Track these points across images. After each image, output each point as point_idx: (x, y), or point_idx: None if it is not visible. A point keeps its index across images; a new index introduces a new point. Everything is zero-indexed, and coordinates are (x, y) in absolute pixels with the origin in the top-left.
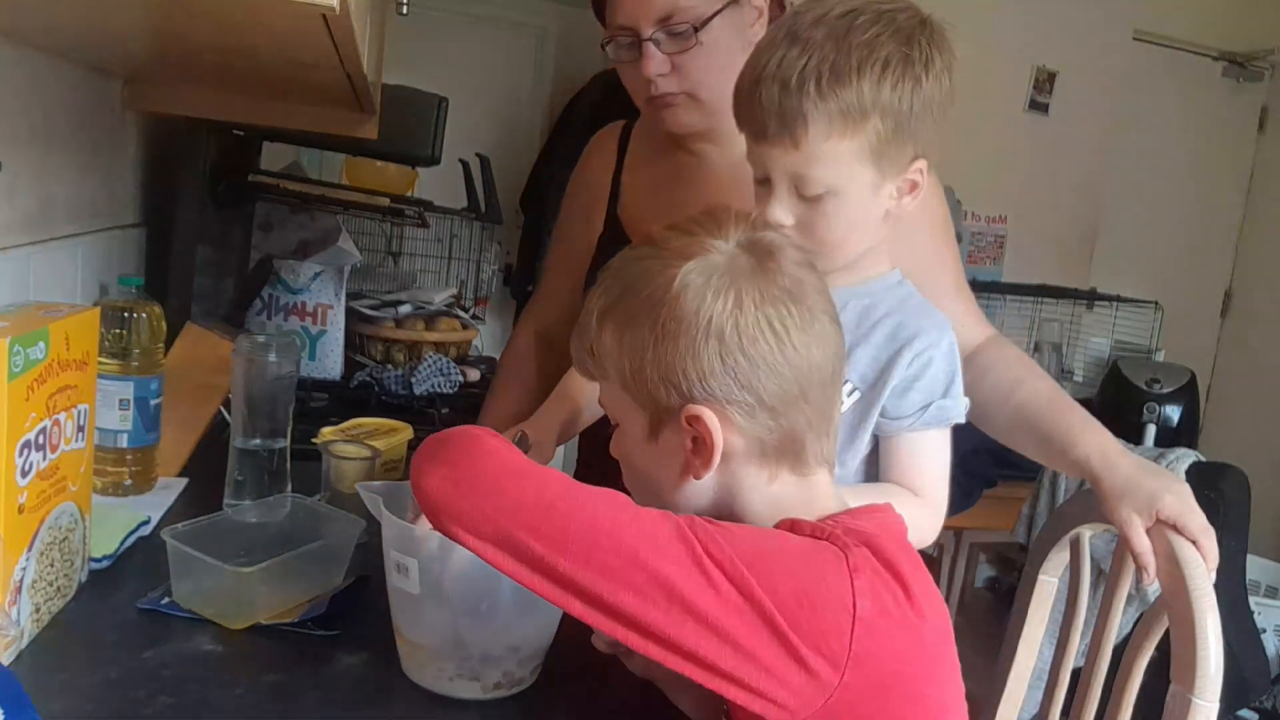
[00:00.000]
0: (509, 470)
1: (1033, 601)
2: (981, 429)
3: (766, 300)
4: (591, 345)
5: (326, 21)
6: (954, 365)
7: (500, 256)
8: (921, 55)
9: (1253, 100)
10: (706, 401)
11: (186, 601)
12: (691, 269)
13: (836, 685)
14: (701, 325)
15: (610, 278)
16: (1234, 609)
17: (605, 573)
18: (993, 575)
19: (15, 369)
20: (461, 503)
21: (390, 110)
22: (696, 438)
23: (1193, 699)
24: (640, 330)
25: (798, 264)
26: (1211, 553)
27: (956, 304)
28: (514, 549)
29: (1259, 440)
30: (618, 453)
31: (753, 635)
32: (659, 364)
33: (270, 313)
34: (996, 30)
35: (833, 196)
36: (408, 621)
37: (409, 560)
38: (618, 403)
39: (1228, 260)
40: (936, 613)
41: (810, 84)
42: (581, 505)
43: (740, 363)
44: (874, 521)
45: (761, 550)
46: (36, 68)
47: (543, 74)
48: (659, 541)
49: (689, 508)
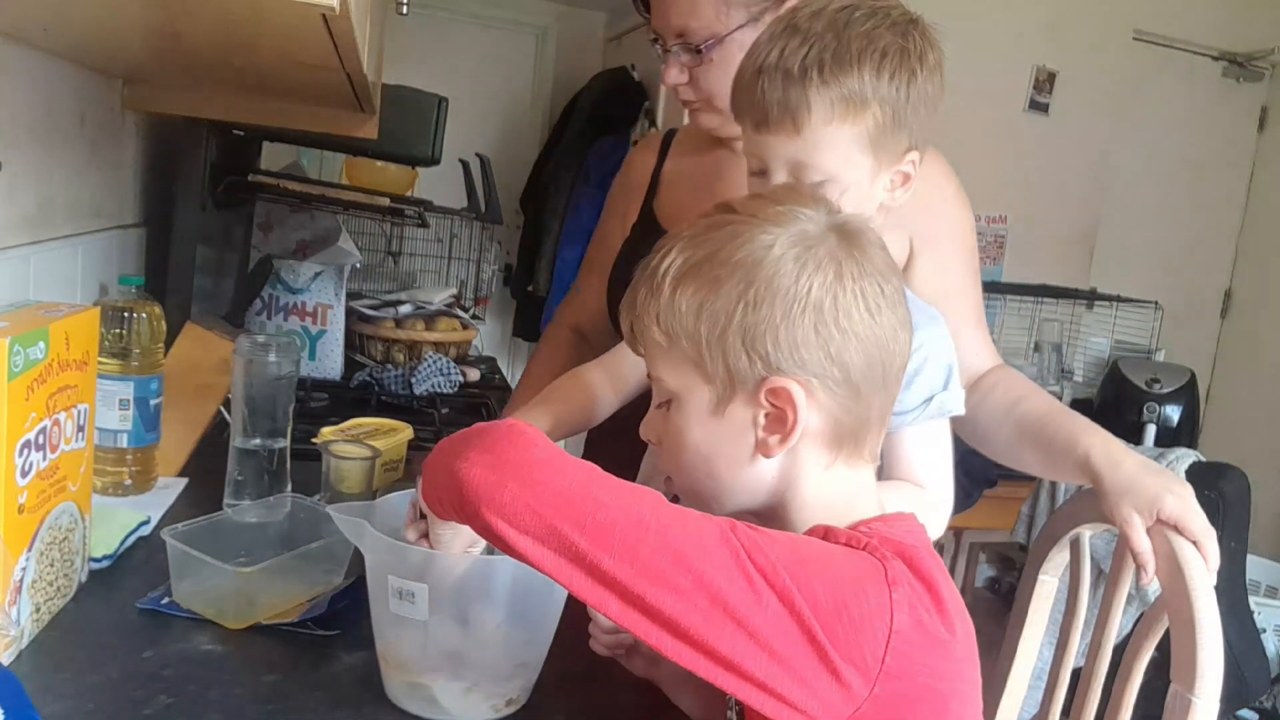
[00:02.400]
0: (554, 463)
1: (1033, 601)
2: (985, 451)
3: (863, 276)
4: (660, 311)
5: (326, 21)
6: (951, 358)
7: (500, 256)
8: (916, 48)
9: (1253, 100)
10: (792, 373)
11: (187, 601)
12: (788, 237)
13: (866, 698)
14: (800, 295)
15: (685, 241)
16: (1234, 609)
17: (649, 572)
18: (993, 575)
19: (15, 369)
20: (503, 494)
21: (390, 110)
22: (772, 413)
23: (1193, 699)
24: (727, 295)
25: (880, 247)
26: (1213, 554)
27: (976, 334)
28: (558, 544)
29: (1259, 440)
30: (656, 435)
31: (790, 643)
32: (746, 330)
33: (270, 313)
34: (996, 30)
35: (831, 184)
36: (405, 647)
37: (416, 586)
38: (679, 375)
39: (1228, 260)
40: (965, 628)
41: (813, 71)
42: (628, 502)
43: (834, 335)
44: (906, 531)
45: (803, 557)
46: (36, 68)
47: (543, 74)
48: (704, 544)
49: (747, 491)
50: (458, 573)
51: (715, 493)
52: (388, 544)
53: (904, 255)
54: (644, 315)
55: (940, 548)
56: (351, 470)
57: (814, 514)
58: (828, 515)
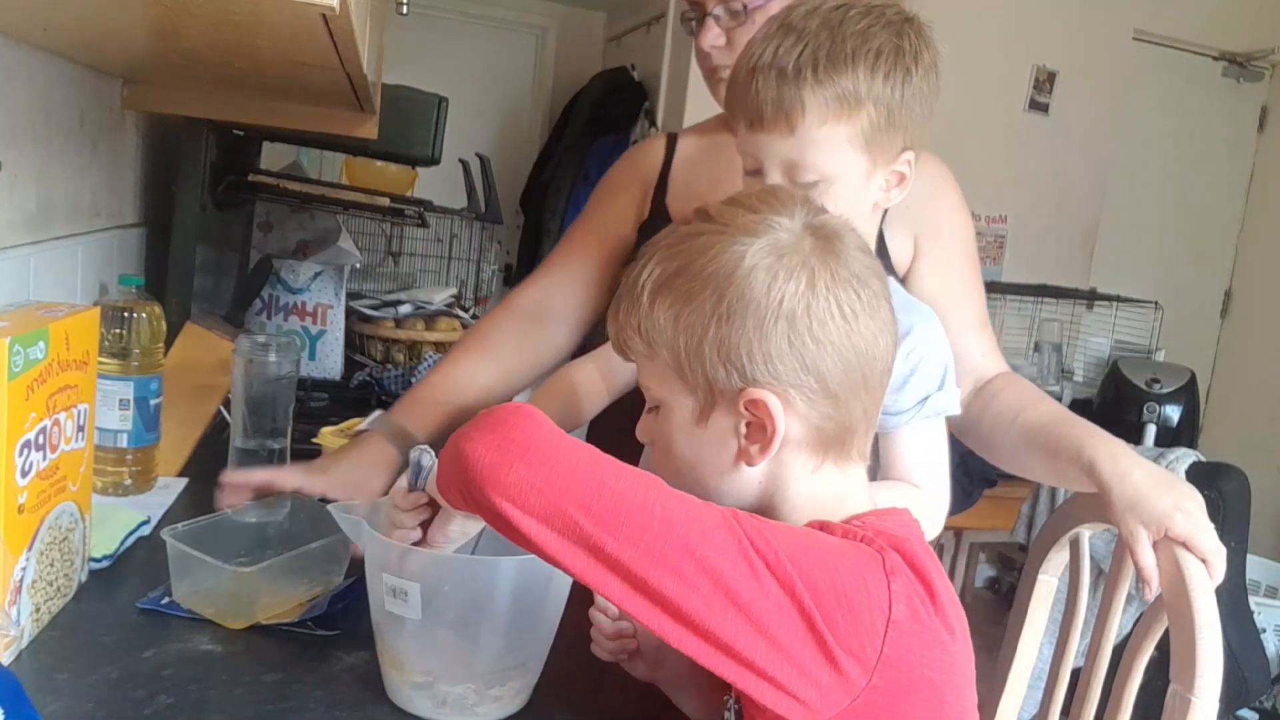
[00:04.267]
0: (559, 445)
1: (1033, 601)
2: (990, 459)
3: (838, 283)
4: (640, 322)
5: (326, 21)
6: (946, 358)
7: (500, 256)
8: (911, 47)
9: (1253, 100)
10: (769, 385)
11: (186, 601)
12: (760, 247)
13: (864, 687)
14: (772, 306)
15: (663, 251)
16: (1234, 609)
17: (653, 556)
18: (993, 575)
19: (15, 369)
20: (509, 474)
21: (390, 110)
22: (752, 422)
23: (1192, 699)
24: (701, 308)
25: (860, 249)
26: (1219, 572)
27: (981, 337)
28: (562, 524)
29: (1259, 440)
30: (650, 437)
31: (791, 631)
32: (721, 343)
33: (270, 313)
34: (996, 30)
35: (826, 185)
36: (404, 647)
37: (409, 584)
38: (663, 384)
39: (1228, 260)
40: (960, 623)
41: (807, 70)
42: (633, 486)
43: (809, 346)
44: (899, 524)
45: (804, 547)
46: (36, 68)
47: (543, 74)
48: (708, 530)
49: (732, 497)
50: (459, 573)
51: (703, 497)
52: (385, 543)
53: (909, 255)
54: (626, 326)
55: (940, 547)
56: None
57: (804, 514)
58: (819, 514)
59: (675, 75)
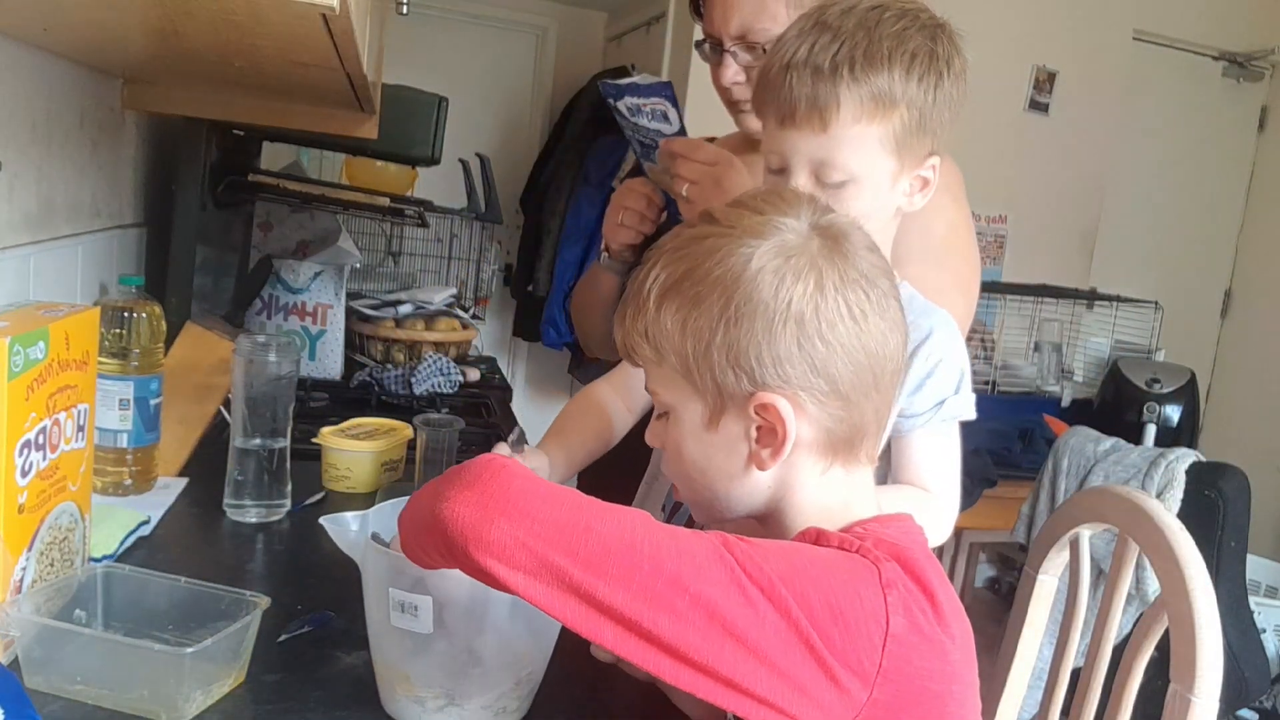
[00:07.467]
0: (538, 493)
1: (1032, 601)
2: None
3: (846, 283)
4: (647, 327)
5: (326, 21)
6: (963, 362)
7: (500, 256)
8: (944, 52)
9: (1253, 100)
10: (779, 388)
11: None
12: (767, 249)
13: (865, 702)
14: (780, 309)
15: (669, 255)
16: (1234, 609)
17: (646, 595)
18: (993, 575)
19: (15, 369)
20: (491, 531)
21: (390, 110)
22: (763, 426)
23: (1192, 699)
24: (708, 312)
25: (868, 248)
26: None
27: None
28: (551, 576)
29: (1259, 440)
30: (659, 442)
31: (789, 655)
32: (729, 347)
33: (270, 313)
34: (996, 30)
35: (853, 185)
36: (410, 662)
37: (419, 599)
38: (672, 389)
39: (1228, 260)
40: (962, 629)
41: (844, 68)
42: (619, 527)
43: (818, 347)
44: (901, 531)
45: (796, 566)
46: (36, 68)
47: (543, 74)
48: (699, 563)
49: (742, 501)
50: (460, 587)
51: (714, 501)
52: (390, 557)
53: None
54: (633, 331)
55: (940, 548)
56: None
57: (810, 518)
58: (824, 518)
59: (675, 75)
